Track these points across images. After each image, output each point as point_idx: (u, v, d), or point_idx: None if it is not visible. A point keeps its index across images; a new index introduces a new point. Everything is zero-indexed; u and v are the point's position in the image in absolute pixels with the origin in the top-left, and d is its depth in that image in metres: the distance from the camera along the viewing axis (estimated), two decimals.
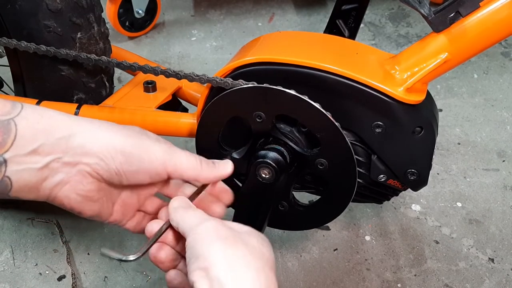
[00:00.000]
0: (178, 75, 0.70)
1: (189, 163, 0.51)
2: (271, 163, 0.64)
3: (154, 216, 0.55)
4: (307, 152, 0.66)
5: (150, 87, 0.82)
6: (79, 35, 0.77)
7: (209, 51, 1.50)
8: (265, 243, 0.48)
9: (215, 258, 0.43)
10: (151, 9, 1.55)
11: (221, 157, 0.69)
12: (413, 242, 0.92)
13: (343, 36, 0.95)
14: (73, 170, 0.47)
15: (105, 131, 0.49)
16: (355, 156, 0.64)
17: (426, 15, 0.58)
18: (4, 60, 0.85)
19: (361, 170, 0.68)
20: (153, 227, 0.51)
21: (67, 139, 0.47)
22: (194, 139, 0.71)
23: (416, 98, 0.62)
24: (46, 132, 0.46)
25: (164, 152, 0.50)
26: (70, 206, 0.49)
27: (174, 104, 0.85)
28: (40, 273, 0.88)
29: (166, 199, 0.55)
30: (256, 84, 0.63)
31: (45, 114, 0.47)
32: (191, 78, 0.69)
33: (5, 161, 0.44)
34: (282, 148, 0.65)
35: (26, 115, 0.45)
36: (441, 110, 1.23)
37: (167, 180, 0.55)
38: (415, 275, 0.86)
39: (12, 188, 0.45)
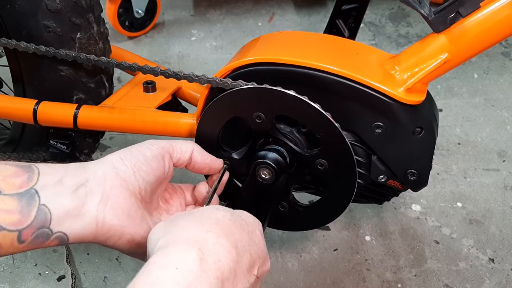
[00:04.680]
0: (177, 76, 0.69)
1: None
2: (271, 163, 0.64)
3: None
4: (307, 153, 0.66)
5: (149, 87, 0.82)
6: (78, 35, 0.77)
7: (209, 51, 1.50)
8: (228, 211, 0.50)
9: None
10: (151, 9, 1.55)
11: (221, 157, 0.69)
12: (413, 242, 0.92)
13: (343, 36, 0.95)
14: (107, 186, 0.50)
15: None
16: (355, 157, 0.64)
17: (426, 15, 0.58)
18: (4, 60, 0.85)
19: (361, 170, 0.68)
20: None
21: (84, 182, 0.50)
22: (194, 139, 0.71)
23: (416, 98, 0.62)
24: (62, 175, 0.49)
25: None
26: (121, 230, 0.50)
27: (173, 104, 0.85)
28: (40, 273, 0.87)
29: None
30: (255, 85, 0.63)
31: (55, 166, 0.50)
32: (190, 78, 0.68)
33: (36, 191, 0.46)
34: (282, 149, 0.65)
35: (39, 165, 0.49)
36: (441, 110, 1.23)
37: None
38: (415, 275, 0.86)
39: (52, 217, 0.46)
